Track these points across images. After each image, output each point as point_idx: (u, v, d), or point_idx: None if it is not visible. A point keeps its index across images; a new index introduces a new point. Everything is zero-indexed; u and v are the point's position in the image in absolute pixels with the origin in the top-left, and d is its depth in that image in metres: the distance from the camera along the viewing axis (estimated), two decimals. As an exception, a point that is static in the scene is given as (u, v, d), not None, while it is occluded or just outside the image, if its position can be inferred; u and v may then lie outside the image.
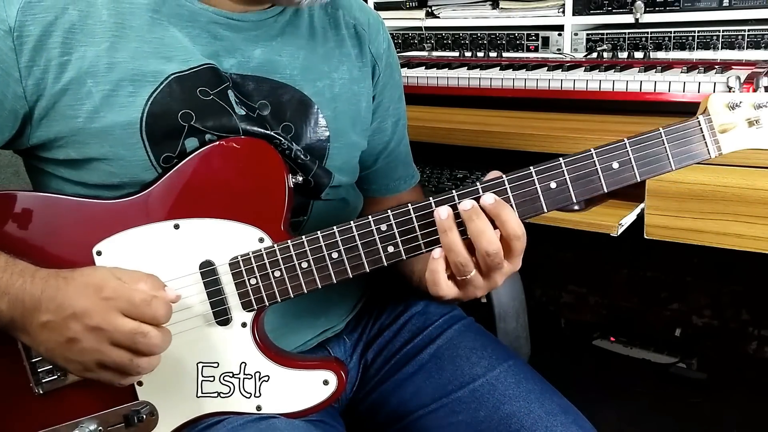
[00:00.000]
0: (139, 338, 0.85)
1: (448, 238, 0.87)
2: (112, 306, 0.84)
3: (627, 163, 0.87)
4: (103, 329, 0.84)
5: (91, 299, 0.84)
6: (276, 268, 0.91)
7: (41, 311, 0.84)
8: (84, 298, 0.84)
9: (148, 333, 0.85)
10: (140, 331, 0.85)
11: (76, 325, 0.84)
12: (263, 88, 0.98)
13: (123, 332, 0.84)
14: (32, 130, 0.92)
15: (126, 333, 0.84)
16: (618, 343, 2.37)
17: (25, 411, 0.93)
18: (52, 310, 0.84)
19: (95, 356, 0.85)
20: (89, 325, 0.84)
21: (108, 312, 0.84)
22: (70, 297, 0.84)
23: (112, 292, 0.84)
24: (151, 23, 0.93)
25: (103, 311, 0.84)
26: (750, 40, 1.57)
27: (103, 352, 0.85)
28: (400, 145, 1.20)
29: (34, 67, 0.88)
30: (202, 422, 0.95)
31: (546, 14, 1.82)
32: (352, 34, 1.10)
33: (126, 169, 0.92)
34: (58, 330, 0.84)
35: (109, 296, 0.84)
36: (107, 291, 0.84)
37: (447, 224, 0.86)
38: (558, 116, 1.53)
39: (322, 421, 1.00)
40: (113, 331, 0.84)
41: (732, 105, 0.87)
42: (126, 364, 0.86)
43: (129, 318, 0.85)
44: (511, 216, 0.86)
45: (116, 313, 0.84)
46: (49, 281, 0.85)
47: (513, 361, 1.06)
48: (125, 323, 0.84)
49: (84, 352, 0.85)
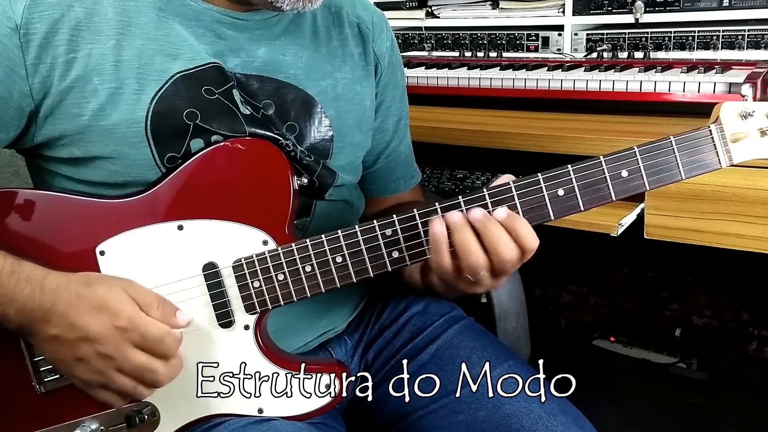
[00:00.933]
0: (147, 374, 0.86)
1: (462, 237, 0.85)
2: (126, 338, 0.84)
3: (636, 172, 0.86)
4: (114, 358, 0.84)
5: (105, 326, 0.84)
6: (279, 272, 0.91)
7: (51, 325, 0.84)
8: (97, 324, 0.84)
9: (157, 370, 0.86)
10: (150, 368, 0.86)
11: (87, 348, 0.84)
12: (267, 87, 0.98)
13: (133, 365, 0.85)
14: (37, 128, 0.92)
15: (136, 366, 0.85)
16: (618, 343, 2.36)
17: (26, 410, 0.93)
18: (63, 327, 0.84)
19: (100, 379, 0.86)
20: (100, 352, 0.84)
21: (121, 343, 0.84)
22: (83, 318, 0.84)
23: (128, 322, 0.84)
24: (157, 21, 0.93)
25: (116, 341, 0.84)
26: (750, 40, 1.57)
27: (109, 377, 0.85)
28: (401, 144, 1.20)
29: (40, 64, 0.88)
30: (204, 424, 0.95)
31: (546, 14, 1.82)
32: (355, 33, 1.09)
33: (130, 168, 0.92)
34: (67, 346, 0.85)
35: (124, 327, 0.84)
36: (122, 320, 0.84)
37: (461, 223, 0.85)
38: (558, 116, 1.52)
39: (323, 423, 1.00)
40: (122, 361, 0.85)
41: (745, 114, 0.86)
42: (129, 391, 0.87)
43: (140, 351, 0.85)
44: (526, 229, 0.85)
45: (129, 344, 0.85)
46: (60, 294, 0.85)
47: (513, 361, 1.06)
48: (137, 357, 0.85)
49: (90, 373, 0.86)
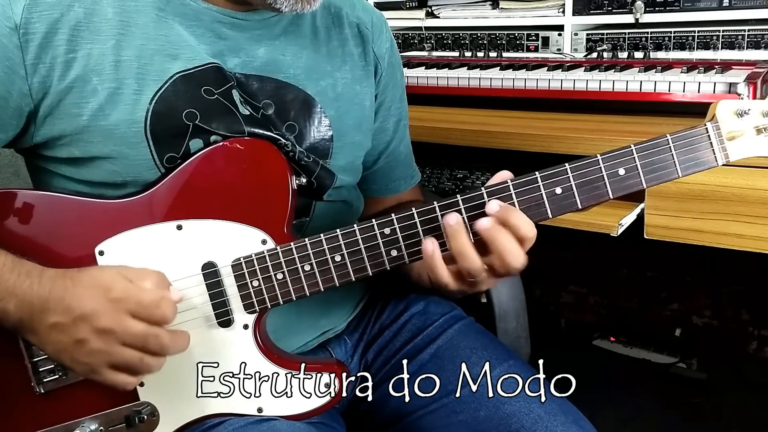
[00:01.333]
0: (150, 339, 0.85)
1: (458, 242, 0.85)
2: (122, 308, 0.84)
3: (633, 170, 0.86)
4: (114, 331, 0.84)
5: (100, 301, 0.84)
6: (278, 271, 0.91)
7: (49, 312, 0.84)
8: (92, 300, 0.84)
9: (160, 334, 0.86)
10: (152, 333, 0.85)
11: (85, 326, 0.84)
12: (267, 87, 0.98)
13: (133, 334, 0.85)
14: (36, 128, 0.92)
15: (137, 334, 0.85)
16: (618, 343, 2.36)
17: (26, 410, 0.93)
18: (60, 311, 0.84)
19: (104, 357, 0.85)
20: (98, 327, 0.84)
21: (117, 314, 0.84)
22: (78, 298, 0.84)
23: (121, 293, 0.85)
24: (156, 21, 0.93)
25: (112, 313, 0.84)
26: (750, 40, 1.57)
27: (112, 353, 0.85)
28: (401, 145, 1.20)
29: (39, 64, 0.88)
30: (204, 424, 0.95)
31: (546, 14, 1.82)
32: (355, 34, 1.09)
33: (129, 169, 0.92)
34: (66, 331, 0.84)
35: (118, 297, 0.84)
36: (116, 292, 0.84)
37: (456, 229, 0.85)
38: (558, 116, 1.52)
39: (323, 422, 1.00)
40: (123, 333, 0.84)
41: (740, 112, 0.86)
42: (136, 364, 0.86)
43: (138, 319, 0.85)
44: (521, 219, 0.85)
45: (125, 314, 0.84)
46: (57, 282, 0.85)
47: (513, 361, 1.06)
48: (135, 325, 0.85)
49: (92, 354, 0.85)
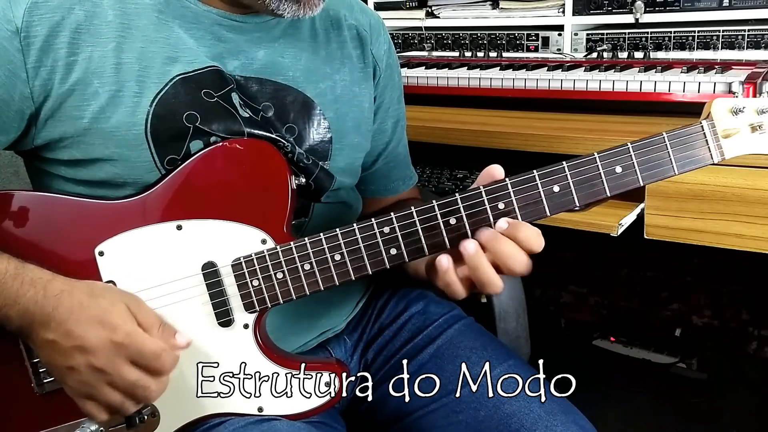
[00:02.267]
0: (138, 390, 0.85)
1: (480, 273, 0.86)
2: (121, 353, 0.84)
3: (630, 168, 0.86)
4: (106, 372, 0.84)
5: (102, 339, 0.83)
6: (278, 270, 0.91)
7: (49, 329, 0.84)
8: (95, 336, 0.83)
9: (149, 387, 0.85)
10: (141, 385, 0.85)
11: (80, 358, 0.83)
12: (266, 89, 0.99)
13: (124, 380, 0.84)
14: (37, 131, 0.92)
15: (127, 382, 0.84)
16: (618, 343, 2.37)
17: (26, 411, 0.93)
18: (61, 333, 0.84)
19: (89, 390, 0.85)
20: (93, 364, 0.83)
21: (115, 357, 0.84)
22: (82, 328, 0.83)
23: (125, 337, 0.84)
24: (157, 23, 0.93)
25: (110, 355, 0.83)
26: (750, 40, 1.57)
27: (98, 390, 0.85)
28: (399, 146, 1.20)
29: (41, 67, 0.88)
30: (204, 424, 0.95)
31: (546, 14, 1.82)
32: (353, 36, 1.10)
33: (130, 170, 0.92)
34: (61, 354, 0.84)
35: (121, 342, 0.84)
36: (120, 335, 0.84)
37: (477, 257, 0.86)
38: (558, 116, 1.53)
39: (323, 422, 1.00)
40: (115, 377, 0.84)
41: (735, 110, 0.86)
42: (116, 405, 0.86)
43: (134, 367, 0.84)
44: (531, 233, 0.86)
45: (123, 360, 0.84)
46: (63, 300, 0.85)
47: (513, 361, 1.06)
48: (129, 373, 0.84)
49: (80, 384, 0.85)
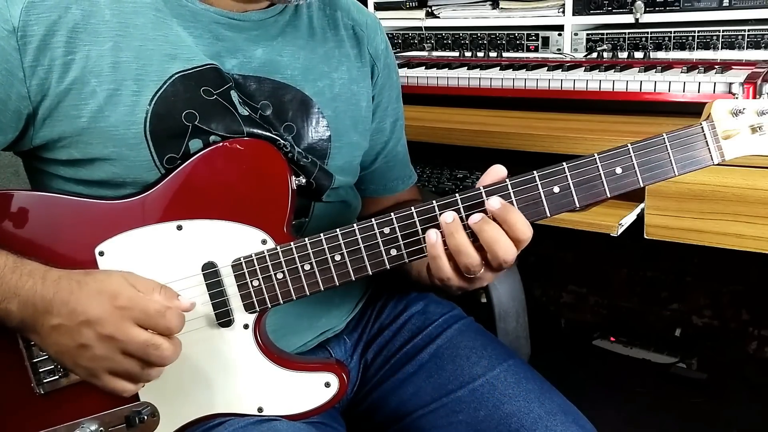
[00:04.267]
0: (151, 350, 0.85)
1: (455, 240, 0.86)
2: (127, 315, 0.84)
3: (630, 169, 0.87)
4: (116, 339, 0.84)
5: (105, 307, 0.84)
6: (278, 270, 0.91)
7: (53, 314, 0.84)
8: (98, 306, 0.84)
9: (161, 345, 0.85)
10: (153, 343, 0.85)
11: (88, 332, 0.84)
12: (265, 88, 0.99)
13: (136, 343, 0.84)
14: (35, 131, 0.91)
15: (139, 344, 0.84)
16: (618, 343, 2.37)
17: (26, 411, 0.93)
18: (65, 314, 0.84)
19: (105, 364, 0.85)
20: (102, 334, 0.84)
21: (122, 321, 0.84)
22: (84, 303, 0.84)
23: (127, 301, 0.84)
24: (155, 21, 0.93)
25: (117, 320, 0.84)
26: (750, 40, 1.57)
27: (113, 360, 0.85)
28: (398, 145, 1.20)
29: (38, 67, 0.88)
30: (204, 424, 0.95)
31: (546, 14, 1.82)
32: (350, 35, 1.10)
33: (129, 170, 0.92)
34: (69, 335, 0.84)
35: (124, 305, 0.84)
36: (122, 300, 0.84)
37: (453, 227, 0.86)
38: (558, 116, 1.53)
39: (323, 422, 1.00)
40: (126, 341, 0.84)
41: (735, 111, 0.87)
42: (136, 373, 0.86)
43: (142, 328, 0.85)
44: (519, 219, 0.85)
45: (130, 323, 0.84)
46: (61, 284, 0.85)
47: (513, 361, 1.06)
48: (139, 334, 0.84)
49: (94, 359, 0.85)
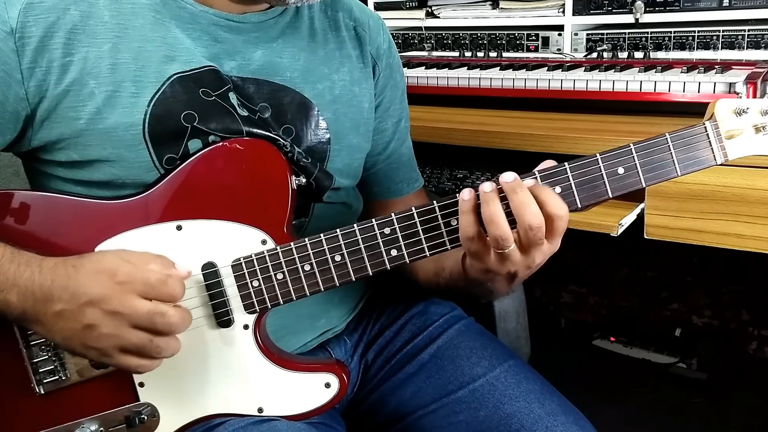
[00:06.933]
0: (157, 318, 0.85)
1: (490, 209, 0.84)
2: (128, 289, 0.84)
3: (632, 169, 0.86)
4: (122, 313, 0.84)
5: (106, 285, 0.84)
6: (278, 271, 0.91)
7: (54, 301, 0.84)
8: (98, 285, 0.84)
9: (167, 312, 0.85)
10: (158, 311, 0.85)
11: (93, 311, 0.84)
12: (263, 90, 0.98)
13: (141, 313, 0.84)
14: (34, 132, 0.92)
15: (144, 314, 0.84)
16: (618, 343, 2.37)
17: (26, 411, 0.93)
18: (66, 299, 0.84)
19: (114, 341, 0.85)
20: (107, 310, 0.84)
21: (124, 295, 0.84)
22: (84, 284, 0.84)
23: (127, 275, 0.84)
24: (153, 23, 0.93)
25: (119, 295, 0.84)
26: (750, 40, 1.57)
27: (122, 335, 0.85)
28: (402, 146, 1.19)
29: (36, 68, 0.88)
30: (204, 424, 0.95)
31: (546, 14, 1.82)
32: (352, 36, 1.10)
33: (129, 171, 0.92)
34: (73, 318, 0.84)
35: (124, 280, 0.84)
36: (121, 275, 0.84)
37: (490, 196, 0.83)
38: (558, 116, 1.52)
39: (323, 423, 1.00)
40: (131, 314, 0.84)
41: (739, 111, 0.86)
42: (147, 345, 0.86)
43: (146, 299, 0.85)
44: (552, 195, 0.84)
45: (133, 295, 0.84)
46: (58, 270, 0.85)
47: (513, 361, 1.06)
48: (143, 304, 0.84)
49: (102, 338, 0.85)
